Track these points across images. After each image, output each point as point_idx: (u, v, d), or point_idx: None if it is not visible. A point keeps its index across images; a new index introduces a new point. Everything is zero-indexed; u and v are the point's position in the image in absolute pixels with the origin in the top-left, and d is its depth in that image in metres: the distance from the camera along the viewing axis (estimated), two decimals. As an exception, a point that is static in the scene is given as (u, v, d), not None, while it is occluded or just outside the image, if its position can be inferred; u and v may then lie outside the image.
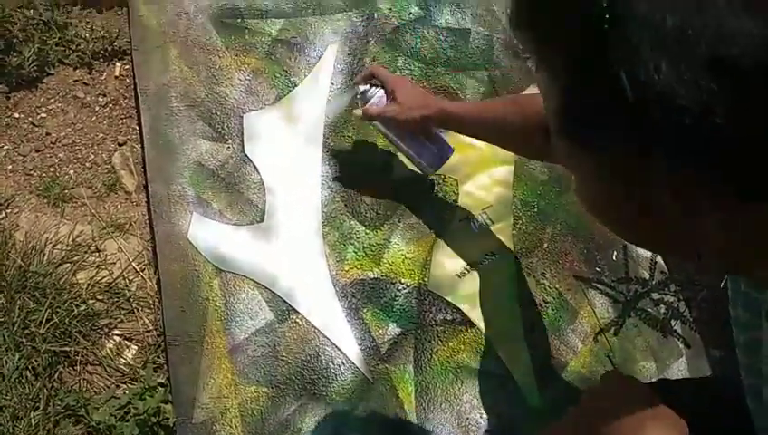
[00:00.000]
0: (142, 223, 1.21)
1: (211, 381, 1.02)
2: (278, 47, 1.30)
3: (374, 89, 1.08)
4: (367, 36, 1.35)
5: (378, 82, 1.09)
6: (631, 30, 0.33)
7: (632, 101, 0.33)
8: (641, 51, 0.32)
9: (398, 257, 1.15)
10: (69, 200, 1.22)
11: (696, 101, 0.31)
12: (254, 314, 1.08)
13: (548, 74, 0.40)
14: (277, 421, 1.01)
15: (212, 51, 1.28)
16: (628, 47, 0.33)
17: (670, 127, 0.33)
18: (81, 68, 1.36)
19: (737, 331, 0.57)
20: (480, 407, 1.05)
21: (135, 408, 1.01)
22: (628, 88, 0.33)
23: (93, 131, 1.30)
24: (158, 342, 1.10)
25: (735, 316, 0.57)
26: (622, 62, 0.33)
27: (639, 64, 0.32)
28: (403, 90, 1.05)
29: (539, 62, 0.41)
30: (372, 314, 1.10)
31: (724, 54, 0.31)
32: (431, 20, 1.39)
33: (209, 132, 1.21)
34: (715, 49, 0.31)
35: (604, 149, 0.38)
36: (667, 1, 0.32)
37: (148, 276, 1.16)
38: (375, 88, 1.09)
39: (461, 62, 1.36)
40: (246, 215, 1.15)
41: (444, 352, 1.08)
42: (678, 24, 0.32)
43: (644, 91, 0.33)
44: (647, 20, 0.32)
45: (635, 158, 0.36)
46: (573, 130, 0.39)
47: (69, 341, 1.07)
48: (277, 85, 1.26)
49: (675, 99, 0.32)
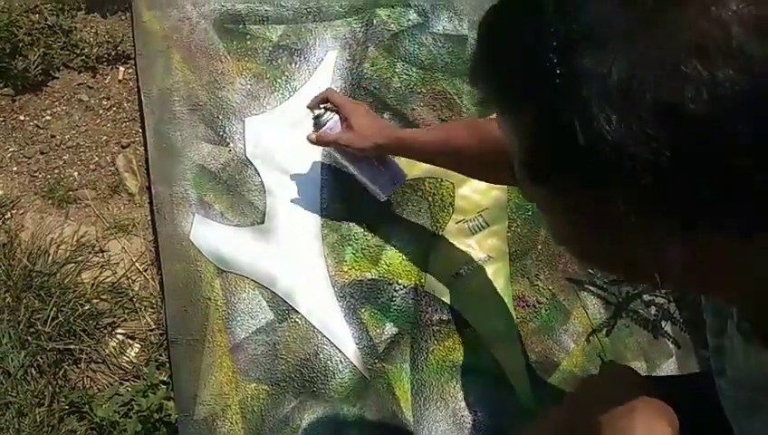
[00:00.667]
0: (145, 224, 1.23)
1: (212, 378, 1.05)
2: (279, 52, 1.33)
3: (328, 114, 1.07)
4: (366, 42, 1.38)
5: (332, 107, 1.08)
6: (580, 84, 0.34)
7: (586, 149, 0.35)
8: (591, 103, 0.34)
9: (395, 259, 1.17)
10: (73, 202, 1.25)
11: (645, 148, 0.33)
12: (255, 313, 1.10)
13: (509, 124, 0.42)
14: (277, 418, 1.03)
15: (214, 56, 1.31)
16: (579, 100, 0.34)
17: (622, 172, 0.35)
18: (86, 72, 1.38)
19: (709, 336, 0.60)
20: (474, 405, 1.07)
21: (138, 405, 1.03)
22: (581, 137, 0.35)
23: (97, 134, 1.32)
24: (161, 340, 1.12)
25: (708, 323, 0.60)
26: (574, 114, 0.35)
27: (591, 116, 0.34)
28: (358, 117, 1.04)
29: (499, 113, 0.43)
30: (370, 313, 1.13)
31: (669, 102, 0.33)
32: (429, 27, 1.42)
33: (211, 136, 1.23)
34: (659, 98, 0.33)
35: (567, 193, 0.40)
36: (612, 54, 0.34)
37: (150, 276, 1.19)
38: (329, 113, 1.07)
39: (458, 67, 1.38)
40: (247, 216, 1.18)
41: (439, 351, 1.11)
42: (624, 76, 0.33)
43: (596, 140, 0.34)
44: (594, 74, 0.34)
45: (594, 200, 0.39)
46: (537, 176, 0.41)
47: (73, 339, 1.10)
48: (278, 90, 1.29)
49: (625, 147, 0.34)
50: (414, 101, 1.33)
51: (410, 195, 1.23)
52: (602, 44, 0.34)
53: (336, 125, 1.07)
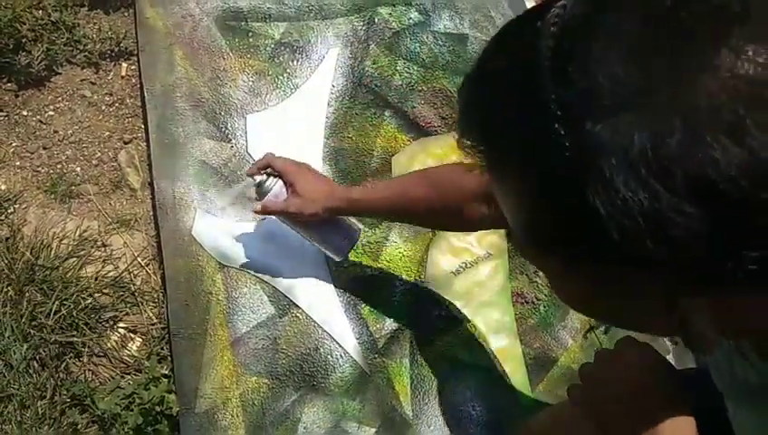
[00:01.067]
0: (147, 219, 1.24)
1: (213, 371, 1.06)
2: (281, 50, 1.34)
3: (271, 179, 1.00)
4: (368, 40, 1.39)
5: (275, 172, 1.01)
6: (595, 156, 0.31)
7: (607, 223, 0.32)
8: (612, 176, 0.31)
9: (395, 255, 1.18)
10: (76, 197, 1.26)
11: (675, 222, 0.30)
12: (256, 308, 1.11)
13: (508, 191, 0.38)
14: (277, 411, 1.04)
15: (216, 53, 1.32)
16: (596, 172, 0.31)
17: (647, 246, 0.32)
18: (89, 68, 1.39)
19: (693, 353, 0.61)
20: (473, 399, 1.08)
21: (139, 397, 1.04)
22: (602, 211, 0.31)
23: (100, 130, 1.33)
24: (162, 334, 1.13)
25: None
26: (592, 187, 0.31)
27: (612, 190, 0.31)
28: (303, 181, 0.98)
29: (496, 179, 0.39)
30: (370, 309, 1.14)
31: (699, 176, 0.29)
32: (430, 25, 1.43)
33: (213, 132, 1.24)
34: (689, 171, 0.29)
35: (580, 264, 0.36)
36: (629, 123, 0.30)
37: (152, 271, 1.19)
38: (272, 178, 1.00)
39: (459, 66, 1.39)
40: (249, 212, 1.19)
41: (439, 346, 1.12)
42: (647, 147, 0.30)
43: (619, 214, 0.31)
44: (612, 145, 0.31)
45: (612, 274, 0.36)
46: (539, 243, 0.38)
47: (75, 332, 1.11)
48: (280, 87, 1.30)
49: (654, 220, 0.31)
50: (415, 99, 1.34)
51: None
52: (616, 112, 0.31)
53: (282, 191, 1.00)
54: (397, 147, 1.29)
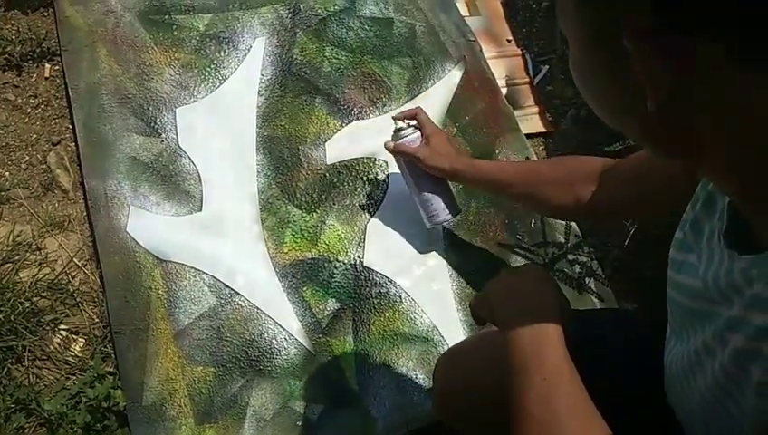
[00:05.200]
0: (81, 220, 1.23)
1: (158, 365, 1.07)
2: (207, 41, 1.34)
3: (411, 129, 1.11)
4: (294, 28, 1.40)
5: (417, 125, 1.12)
6: None
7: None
8: None
9: (333, 237, 1.21)
10: (6, 202, 1.24)
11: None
12: (197, 299, 1.13)
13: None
14: (225, 398, 1.06)
15: (141, 48, 1.31)
16: None
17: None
18: (10, 70, 1.36)
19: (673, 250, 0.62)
20: (416, 368, 1.13)
21: (86, 396, 1.04)
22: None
23: (27, 133, 1.31)
24: (105, 333, 1.13)
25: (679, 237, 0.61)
26: None
27: None
28: (438, 139, 1.09)
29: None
30: (312, 291, 1.17)
31: None
32: (356, 10, 1.46)
33: (142, 127, 1.24)
34: None
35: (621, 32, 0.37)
36: None
37: (90, 271, 1.19)
38: (412, 129, 1.11)
39: (386, 50, 1.42)
40: (184, 205, 1.19)
41: (380, 322, 1.16)
42: None
43: None
44: None
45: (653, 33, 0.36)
46: None
47: (15, 337, 1.10)
48: (208, 78, 1.30)
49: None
50: (345, 84, 1.37)
51: (345, 175, 1.27)
52: None
53: (415, 142, 1.10)
54: (329, 132, 1.31)
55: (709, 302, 0.53)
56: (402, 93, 1.38)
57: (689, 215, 0.59)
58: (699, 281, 0.55)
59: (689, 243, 0.58)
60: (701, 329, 0.55)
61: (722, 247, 0.51)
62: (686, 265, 0.59)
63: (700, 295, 0.55)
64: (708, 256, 0.54)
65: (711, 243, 0.54)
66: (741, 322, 0.47)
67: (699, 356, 0.55)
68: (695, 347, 0.56)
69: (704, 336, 0.54)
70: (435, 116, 1.36)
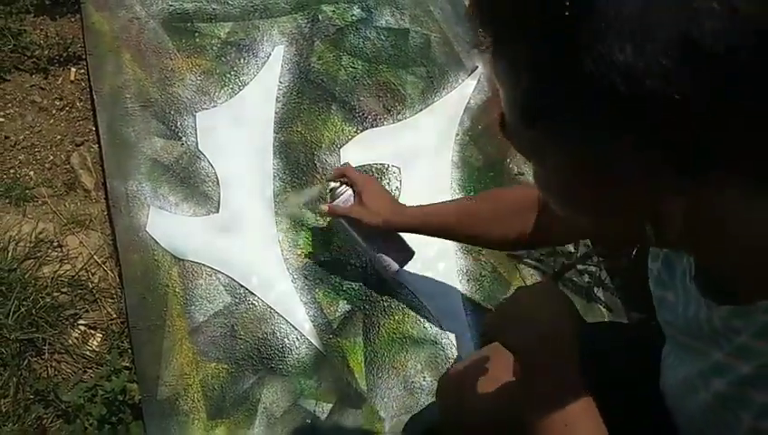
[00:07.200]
0: (102, 219, 1.27)
1: (173, 360, 1.10)
2: (227, 49, 1.38)
3: (343, 187, 1.11)
4: (312, 37, 1.44)
5: (348, 181, 1.11)
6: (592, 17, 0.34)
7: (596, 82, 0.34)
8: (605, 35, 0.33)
9: (346, 241, 1.24)
10: (30, 200, 1.28)
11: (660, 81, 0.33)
12: (213, 297, 1.16)
13: (509, 68, 0.40)
14: (237, 394, 1.09)
15: (164, 54, 1.35)
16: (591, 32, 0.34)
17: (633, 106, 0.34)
18: (37, 73, 1.41)
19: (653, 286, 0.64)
20: (424, 371, 1.15)
21: (102, 389, 1.07)
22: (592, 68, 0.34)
23: (51, 134, 1.36)
24: (122, 328, 1.17)
25: (655, 274, 0.63)
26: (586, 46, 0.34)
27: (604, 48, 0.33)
28: (369, 193, 1.07)
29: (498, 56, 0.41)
30: (324, 293, 1.19)
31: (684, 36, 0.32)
32: (372, 21, 1.49)
33: (163, 130, 1.28)
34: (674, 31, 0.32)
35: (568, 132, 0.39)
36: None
37: (109, 268, 1.23)
38: (344, 187, 1.11)
39: (401, 59, 1.46)
40: (202, 206, 1.23)
41: (390, 324, 1.18)
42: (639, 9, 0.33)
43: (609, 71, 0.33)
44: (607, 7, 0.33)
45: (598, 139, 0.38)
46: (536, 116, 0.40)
47: (36, 330, 1.13)
48: (228, 85, 1.34)
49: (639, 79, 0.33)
50: (360, 93, 1.40)
51: (358, 180, 1.30)
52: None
53: (349, 199, 1.10)
54: (344, 138, 1.34)
55: (694, 339, 0.56)
56: (416, 102, 1.41)
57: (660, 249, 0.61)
58: (680, 319, 0.57)
59: (665, 280, 0.61)
60: (689, 361, 0.58)
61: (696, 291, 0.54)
62: (665, 302, 0.61)
63: (684, 332, 0.58)
64: (685, 297, 0.57)
65: (684, 283, 0.56)
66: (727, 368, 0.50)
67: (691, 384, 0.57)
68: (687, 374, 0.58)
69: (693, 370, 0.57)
70: (448, 126, 1.39)
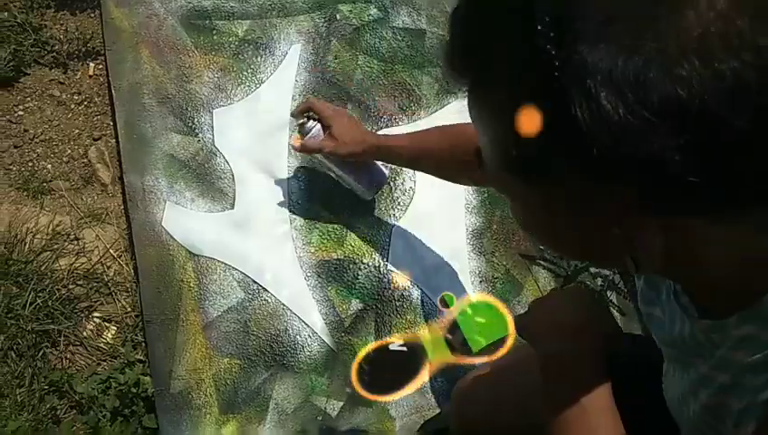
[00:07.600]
0: (118, 213, 1.28)
1: (187, 354, 1.11)
2: (245, 47, 1.39)
3: (311, 122, 1.11)
4: (329, 36, 1.45)
5: (315, 116, 1.11)
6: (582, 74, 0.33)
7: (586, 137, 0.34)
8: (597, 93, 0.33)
9: (359, 240, 1.24)
10: (48, 193, 1.29)
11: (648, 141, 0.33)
12: (227, 293, 1.16)
13: (488, 114, 0.41)
14: (249, 389, 1.10)
15: (182, 50, 1.36)
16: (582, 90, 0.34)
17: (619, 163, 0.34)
18: (57, 68, 1.42)
19: (641, 304, 0.65)
20: (434, 371, 1.15)
21: (116, 381, 1.08)
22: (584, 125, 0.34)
23: (69, 128, 1.37)
24: (136, 322, 1.18)
25: (640, 292, 0.64)
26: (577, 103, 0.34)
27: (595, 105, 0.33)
28: (339, 125, 1.08)
29: (477, 102, 0.41)
30: (336, 291, 1.20)
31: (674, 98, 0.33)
32: (389, 21, 1.49)
33: (180, 126, 1.29)
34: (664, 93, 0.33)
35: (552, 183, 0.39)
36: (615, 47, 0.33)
37: (125, 262, 1.24)
38: (312, 121, 1.11)
39: (417, 60, 1.46)
40: (218, 203, 1.24)
41: (402, 324, 1.19)
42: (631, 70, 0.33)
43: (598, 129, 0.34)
44: (599, 65, 0.33)
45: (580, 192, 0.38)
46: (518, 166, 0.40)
47: (51, 322, 1.14)
48: (244, 82, 1.35)
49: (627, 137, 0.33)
50: (376, 92, 1.40)
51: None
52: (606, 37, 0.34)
53: (319, 133, 1.10)
54: (359, 137, 1.35)
55: (683, 353, 0.57)
56: (431, 102, 1.41)
57: None
58: (668, 334, 0.59)
59: (651, 297, 0.62)
60: (682, 375, 0.59)
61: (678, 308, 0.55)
62: (654, 318, 0.63)
63: (674, 346, 0.59)
64: (670, 314, 0.58)
65: (669, 301, 0.58)
66: (710, 379, 0.52)
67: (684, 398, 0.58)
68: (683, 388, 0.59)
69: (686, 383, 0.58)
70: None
